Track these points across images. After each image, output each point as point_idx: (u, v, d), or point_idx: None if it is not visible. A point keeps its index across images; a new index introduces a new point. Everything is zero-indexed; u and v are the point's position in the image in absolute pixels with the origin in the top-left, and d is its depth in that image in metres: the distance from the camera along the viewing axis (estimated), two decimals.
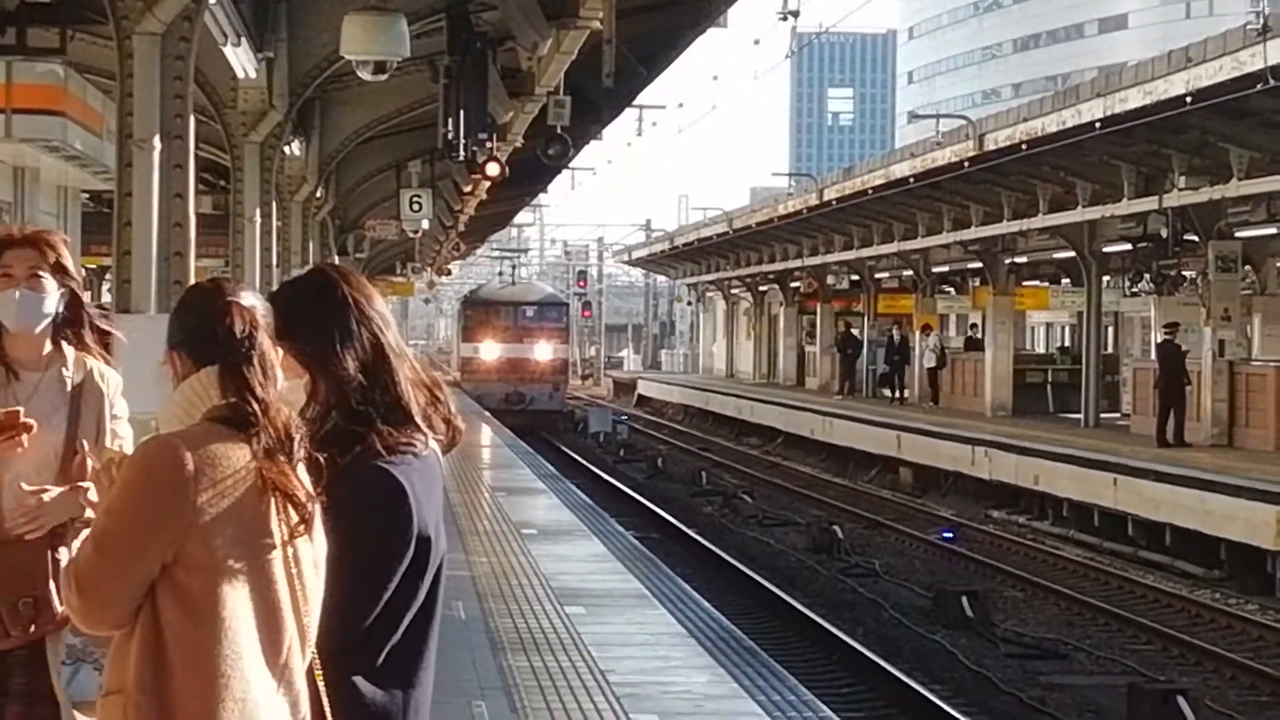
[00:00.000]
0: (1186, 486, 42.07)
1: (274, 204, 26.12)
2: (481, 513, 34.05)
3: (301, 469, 6.04)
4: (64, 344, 7.26)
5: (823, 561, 43.58)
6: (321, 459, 6.14)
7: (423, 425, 6.53)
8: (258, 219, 24.53)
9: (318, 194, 34.73)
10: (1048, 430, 56.09)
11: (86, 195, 30.63)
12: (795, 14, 49.00)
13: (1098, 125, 44.02)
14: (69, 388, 7.43)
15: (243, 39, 21.41)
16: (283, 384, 6.13)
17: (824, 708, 17.66)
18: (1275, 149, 40.53)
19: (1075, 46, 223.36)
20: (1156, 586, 38.82)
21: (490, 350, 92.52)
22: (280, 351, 6.25)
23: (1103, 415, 59.13)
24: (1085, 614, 35.29)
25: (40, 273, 7.11)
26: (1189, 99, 38.67)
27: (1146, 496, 44.21)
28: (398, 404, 6.49)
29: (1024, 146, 49.68)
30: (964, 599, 33.67)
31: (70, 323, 7.49)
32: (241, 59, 22.06)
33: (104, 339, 7.82)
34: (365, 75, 21.96)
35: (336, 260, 50.32)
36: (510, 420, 75.39)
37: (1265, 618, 34.54)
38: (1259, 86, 35.32)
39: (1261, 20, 35.96)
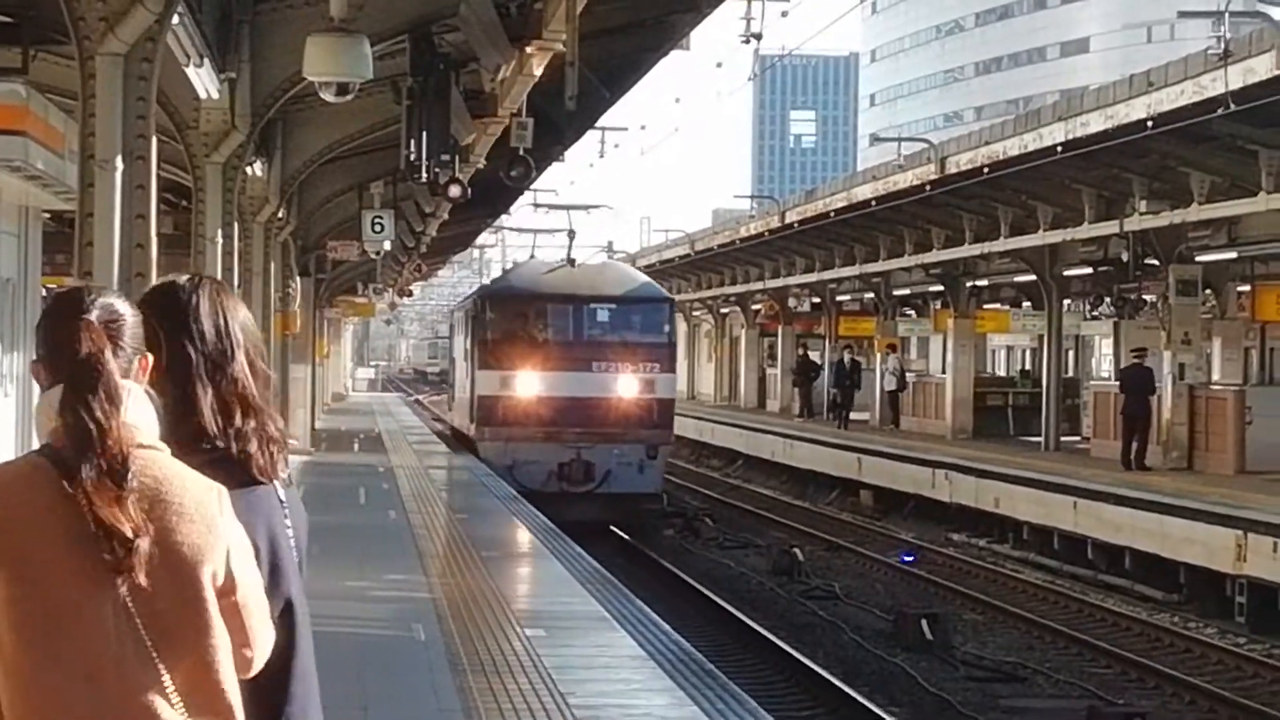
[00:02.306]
0: (1146, 510, 42.13)
1: (235, 224, 26.08)
2: (439, 534, 33.96)
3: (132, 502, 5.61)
4: None
5: (783, 584, 43.75)
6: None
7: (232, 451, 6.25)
8: (219, 239, 24.51)
9: (279, 215, 34.70)
10: (1008, 453, 56.22)
11: (48, 215, 30.55)
12: (758, 36, 49.14)
13: (1059, 149, 44.18)
14: None
15: (205, 59, 21.39)
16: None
17: None
18: (1236, 173, 40.61)
19: (1037, 70, 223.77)
20: (1116, 610, 38.89)
21: (532, 384, 51.46)
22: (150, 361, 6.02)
23: (1063, 438, 59.24)
24: (1045, 637, 35.38)
25: None
26: (1150, 123, 38.76)
27: (1106, 520, 44.33)
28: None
29: (985, 170, 49.80)
30: (924, 622, 33.68)
31: None
32: (204, 79, 22.04)
33: None
34: (328, 97, 21.96)
35: (297, 281, 50.59)
36: (567, 511, 42.24)
37: (1224, 641, 34.57)
38: (1220, 111, 35.40)
39: (1223, 45, 36.05)
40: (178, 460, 5.87)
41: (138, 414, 5.88)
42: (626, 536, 41.43)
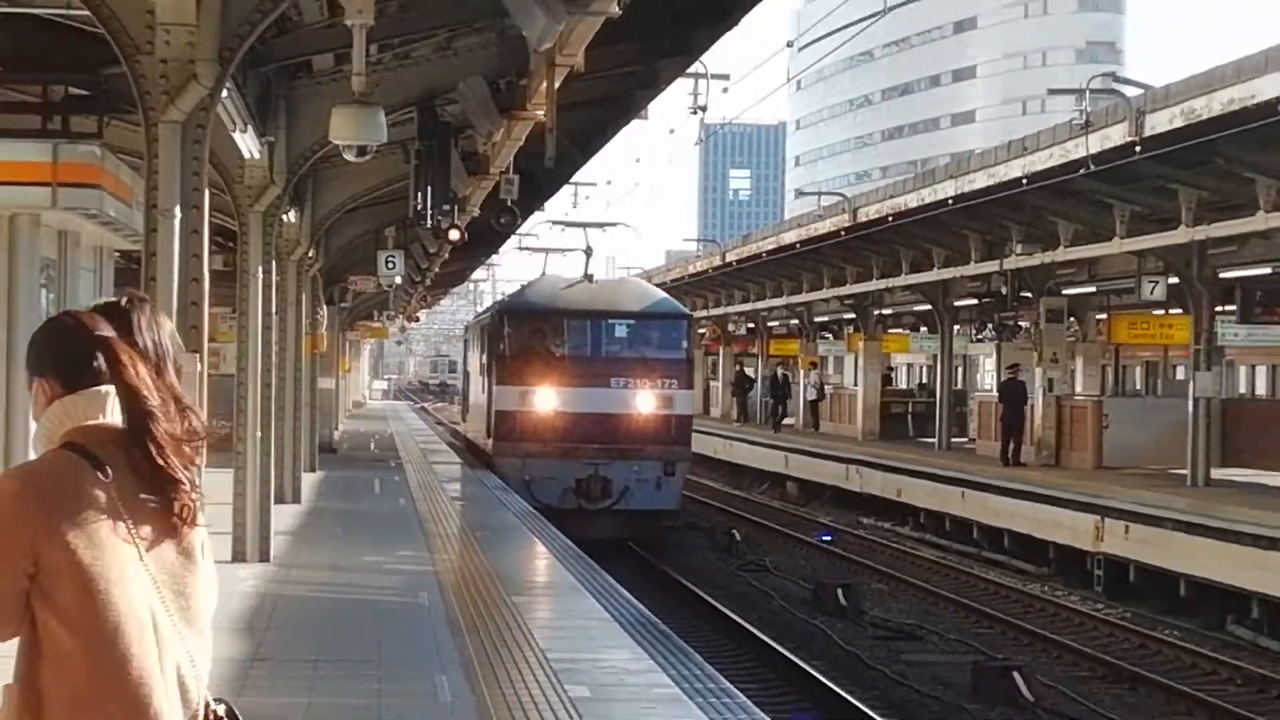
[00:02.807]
0: (1021, 499, 42.51)
1: (273, 262, 25.94)
2: (440, 519, 33.70)
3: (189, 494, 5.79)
4: None
5: (723, 559, 43.68)
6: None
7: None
8: (260, 275, 24.39)
9: (309, 254, 34.50)
10: (908, 452, 56.33)
11: (119, 254, 30.45)
12: (703, 109, 49.07)
13: (950, 202, 44.41)
14: None
15: (249, 126, 21.34)
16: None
17: (724, 680, 17.56)
18: (1095, 222, 40.72)
19: (932, 137, 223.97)
20: (996, 581, 39.09)
21: (550, 399, 43.56)
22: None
23: (953, 440, 59.34)
24: (938, 603, 35.42)
25: None
26: (1025, 181, 38.96)
27: (989, 507, 44.70)
28: None
29: (890, 219, 50.20)
30: (839, 590, 33.74)
31: None
32: (247, 143, 21.98)
33: None
34: (350, 157, 21.87)
35: (324, 309, 50.60)
36: (586, 528, 37.14)
37: (1084, 607, 34.81)
38: (1081, 171, 35.60)
39: (1084, 117, 36.28)
40: None
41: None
42: (646, 555, 36.70)
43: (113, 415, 5.69)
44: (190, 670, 5.81)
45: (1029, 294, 49.91)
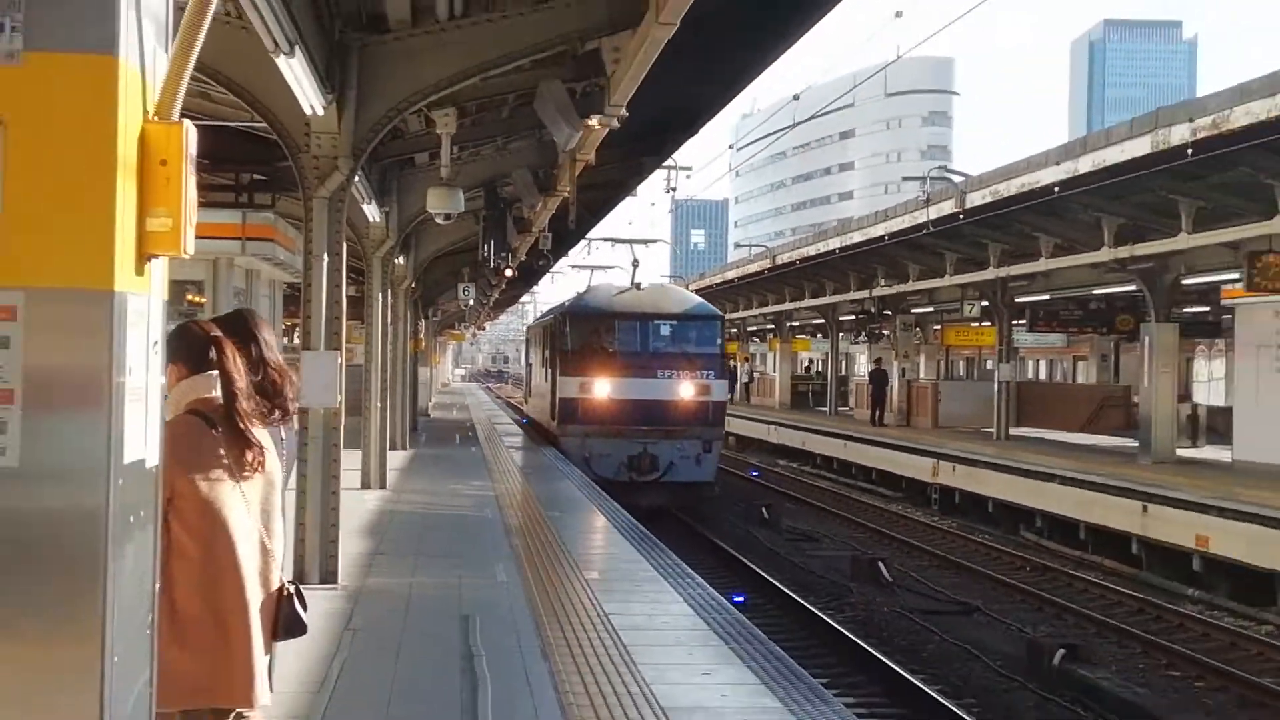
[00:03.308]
0: (883, 448, 42.45)
1: (388, 290, 25.91)
2: (499, 459, 33.59)
3: (259, 435, 6.18)
4: None
5: None
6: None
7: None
8: (379, 299, 24.33)
9: (412, 285, 34.53)
10: (809, 417, 56.55)
11: (286, 285, 30.58)
12: (674, 189, 49.76)
13: (837, 251, 44.62)
14: None
15: (372, 200, 21.32)
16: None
17: (687, 567, 17.47)
18: (933, 265, 40.97)
19: (825, 209, 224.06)
20: (867, 502, 39.04)
21: (606, 388, 37.80)
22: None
23: (839, 409, 59.70)
24: (828, 517, 35.38)
25: None
26: (886, 237, 39.10)
27: (862, 453, 44.42)
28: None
29: (797, 263, 50.56)
30: (763, 509, 33.58)
31: None
32: (371, 211, 21.93)
33: None
34: (439, 221, 21.83)
35: (422, 323, 50.73)
36: (635, 497, 33.22)
37: (925, 519, 35.14)
38: (924, 231, 35.85)
39: (926, 195, 36.77)
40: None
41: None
42: (686, 519, 32.67)
43: (219, 391, 6.07)
44: (270, 561, 6.19)
45: (889, 312, 50.36)
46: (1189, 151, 21.98)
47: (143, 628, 4.44)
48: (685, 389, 32.94)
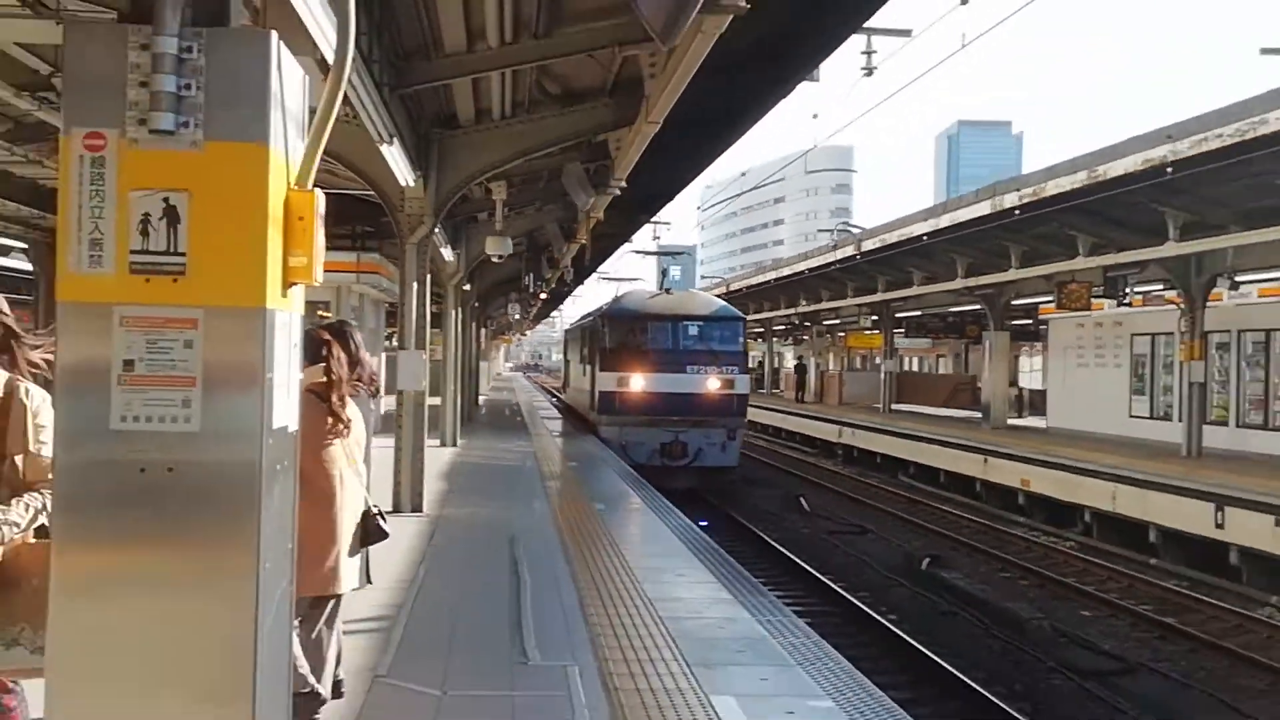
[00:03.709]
0: (804, 418, 42.30)
1: (458, 308, 25.85)
2: (537, 426, 33.07)
3: (352, 405, 6.30)
4: None
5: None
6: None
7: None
8: (453, 315, 24.29)
9: (475, 304, 34.44)
10: (753, 399, 56.47)
11: (388, 304, 30.40)
12: (658, 238, 49.86)
13: (772, 281, 44.31)
14: None
15: (448, 244, 21.25)
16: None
17: (673, 506, 17.37)
18: (839, 291, 40.66)
19: (764, 252, 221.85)
20: (794, 456, 38.75)
21: (641, 382, 29.37)
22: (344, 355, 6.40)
23: (773, 391, 59.30)
24: (767, 467, 35.23)
25: None
26: (806, 271, 38.88)
27: (788, 422, 44.31)
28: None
29: (744, 289, 50.02)
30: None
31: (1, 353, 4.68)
32: (447, 253, 21.81)
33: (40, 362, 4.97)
34: (494, 259, 21.83)
35: (482, 331, 50.38)
36: (667, 480, 26.05)
37: (833, 467, 34.89)
38: (833, 267, 35.64)
39: (834, 242, 36.77)
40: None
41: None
42: (712, 500, 27.99)
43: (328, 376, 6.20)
44: (363, 494, 6.32)
45: (809, 323, 50.04)
46: (1017, 211, 22.01)
47: (285, 545, 4.48)
48: (712, 383, 28.38)
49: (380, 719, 6.45)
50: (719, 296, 39.87)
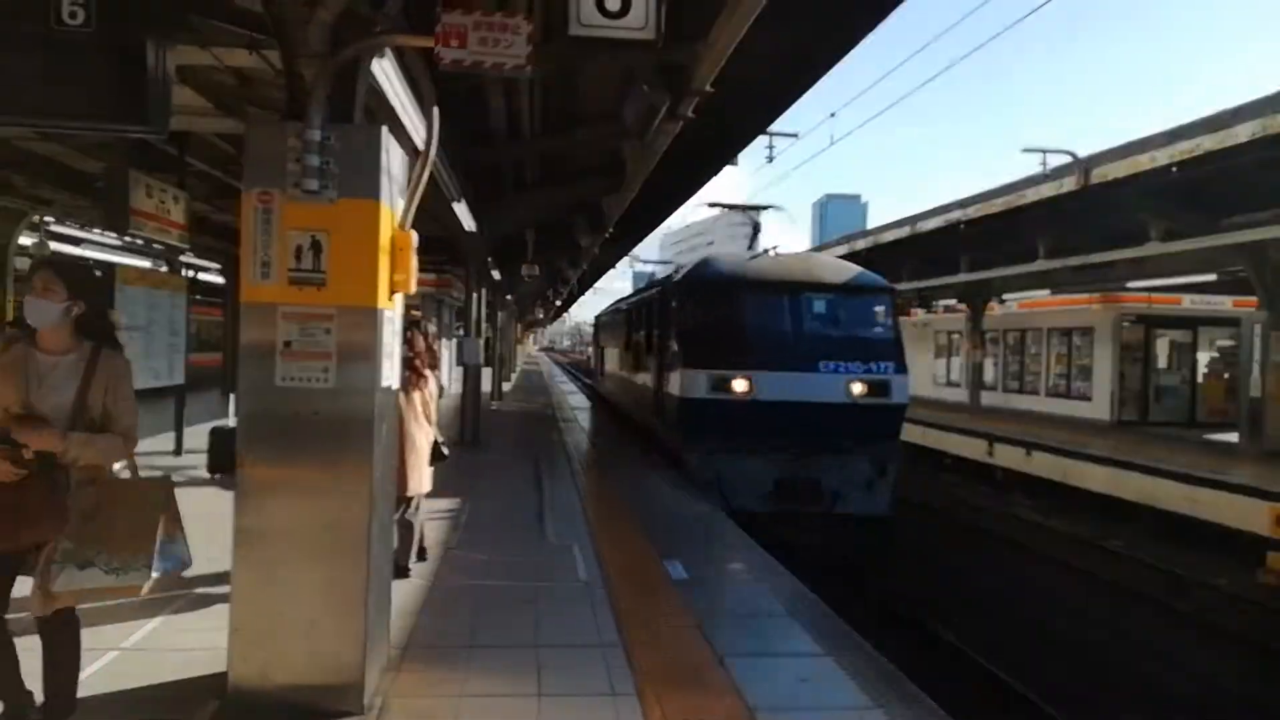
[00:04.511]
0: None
1: (502, 312, 25.54)
2: (557, 386, 31.73)
3: (430, 375, 6.23)
4: (84, 338, 3.79)
5: None
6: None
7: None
8: (499, 315, 24.04)
9: (514, 307, 34.03)
10: None
11: (458, 307, 29.94)
12: (633, 266, 48.74)
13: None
14: (82, 368, 3.70)
15: (496, 269, 20.95)
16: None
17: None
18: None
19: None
20: None
21: (744, 385, 7.42)
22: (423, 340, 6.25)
23: None
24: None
25: (52, 288, 3.74)
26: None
27: None
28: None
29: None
30: None
31: (86, 324, 3.83)
32: (496, 274, 21.52)
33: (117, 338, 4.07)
34: (526, 279, 21.59)
35: (519, 324, 49.44)
36: (790, 534, 7.32)
37: None
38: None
39: (775, 251, 35.67)
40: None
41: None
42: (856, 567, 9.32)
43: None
44: (433, 432, 6.30)
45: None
46: (863, 253, 22.08)
47: (390, 461, 4.52)
48: (856, 387, 10.18)
49: (450, 574, 6.46)
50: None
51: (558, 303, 38.14)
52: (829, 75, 9.21)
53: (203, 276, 20.37)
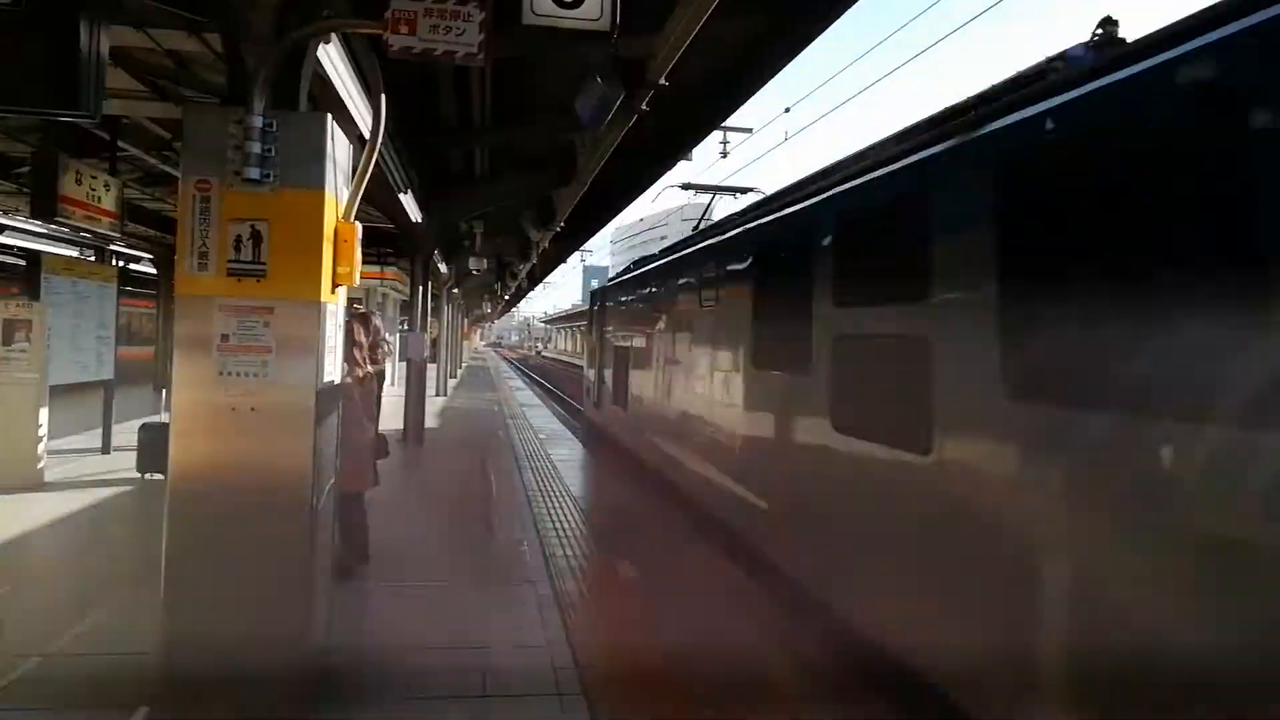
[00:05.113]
0: None
1: (449, 305, 25.37)
2: (502, 378, 32.11)
3: (374, 370, 6.11)
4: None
5: None
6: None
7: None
8: (445, 309, 23.85)
9: (461, 301, 33.81)
10: None
11: (403, 300, 29.76)
12: (583, 259, 48.82)
13: None
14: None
15: (444, 261, 20.79)
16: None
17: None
18: None
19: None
20: None
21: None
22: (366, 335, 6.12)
23: None
24: None
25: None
26: None
27: None
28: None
29: None
30: None
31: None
32: (443, 267, 21.32)
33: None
34: (474, 272, 21.47)
35: (465, 319, 48.98)
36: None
37: None
38: None
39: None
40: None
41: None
42: None
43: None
44: (373, 424, 6.18)
45: None
46: None
47: (329, 456, 4.49)
48: None
49: (394, 575, 6.41)
50: None
51: (505, 297, 37.96)
52: (786, 70, 9.34)
53: (134, 267, 19.99)
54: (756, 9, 7.90)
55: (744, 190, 11.97)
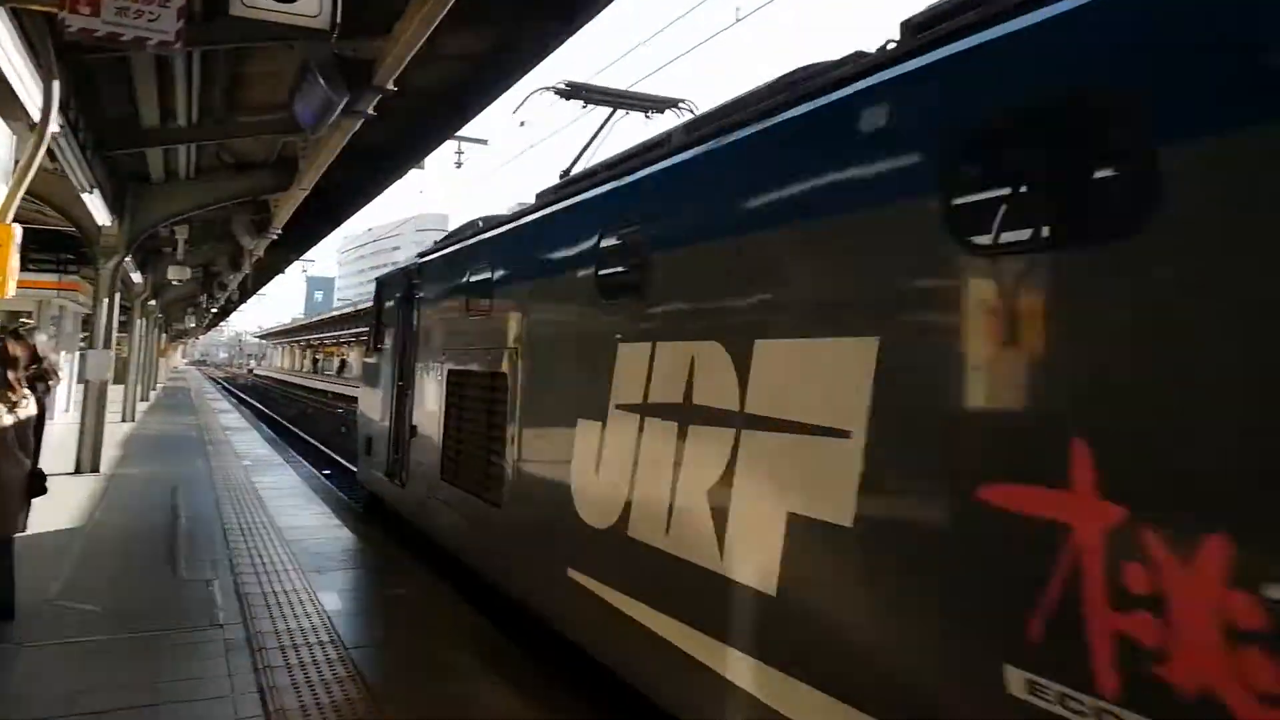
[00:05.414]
0: None
1: (144, 319, 23.32)
2: (205, 401, 29.84)
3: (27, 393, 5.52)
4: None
5: None
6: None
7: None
8: (137, 324, 21.88)
9: (159, 315, 31.06)
10: None
11: (84, 315, 26.84)
12: (305, 269, 46.11)
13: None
14: None
15: (138, 270, 19.12)
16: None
17: (301, 459, 16.21)
18: None
19: None
20: None
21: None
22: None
23: None
24: None
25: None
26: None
27: None
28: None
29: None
30: (343, 427, 31.08)
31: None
32: (136, 276, 19.58)
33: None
34: (175, 282, 19.89)
35: (164, 336, 45.12)
36: None
37: None
38: None
39: None
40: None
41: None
42: None
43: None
44: (26, 457, 5.51)
45: None
46: None
47: None
48: None
49: (46, 633, 5.64)
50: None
51: (213, 311, 35.29)
52: (524, 80, 9.42)
53: None
54: (492, 21, 7.90)
55: (676, 102, 10.02)
